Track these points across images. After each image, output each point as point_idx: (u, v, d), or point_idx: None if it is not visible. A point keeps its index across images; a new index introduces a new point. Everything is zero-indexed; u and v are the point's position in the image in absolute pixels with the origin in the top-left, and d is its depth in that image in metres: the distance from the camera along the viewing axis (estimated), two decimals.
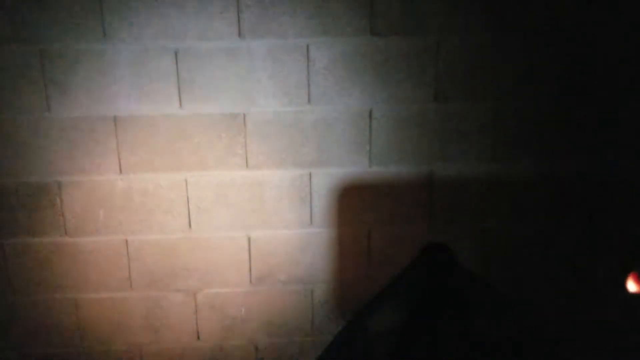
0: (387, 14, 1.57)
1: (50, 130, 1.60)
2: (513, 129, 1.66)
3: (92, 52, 1.56)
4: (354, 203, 1.69)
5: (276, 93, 1.61)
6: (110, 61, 1.57)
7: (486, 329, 1.31)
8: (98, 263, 1.70)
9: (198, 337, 1.78)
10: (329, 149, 1.65)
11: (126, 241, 1.69)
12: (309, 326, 1.79)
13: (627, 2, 1.59)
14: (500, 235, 1.74)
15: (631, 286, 1.26)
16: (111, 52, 1.56)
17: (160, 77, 1.58)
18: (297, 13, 1.55)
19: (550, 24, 1.60)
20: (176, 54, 1.57)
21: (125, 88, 1.59)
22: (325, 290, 1.77)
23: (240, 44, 1.57)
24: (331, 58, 1.59)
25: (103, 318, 1.75)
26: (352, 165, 1.67)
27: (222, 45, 1.57)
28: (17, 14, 1.52)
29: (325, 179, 1.68)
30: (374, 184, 1.68)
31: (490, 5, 1.58)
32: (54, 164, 1.63)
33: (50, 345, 1.76)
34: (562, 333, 1.81)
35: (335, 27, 1.57)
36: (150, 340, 1.78)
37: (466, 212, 1.72)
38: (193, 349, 1.79)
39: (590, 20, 1.60)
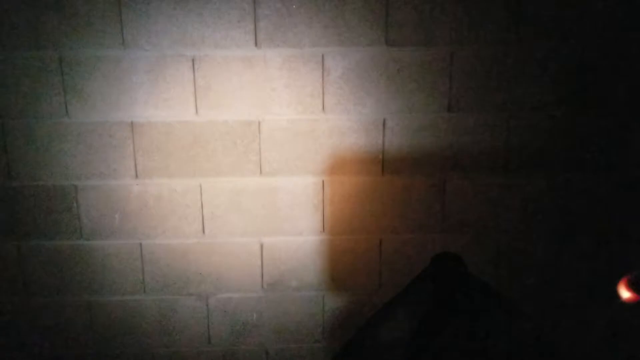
0: (402, 25, 1.58)
1: (68, 135, 1.63)
2: (526, 140, 1.67)
3: (111, 58, 1.58)
4: (367, 211, 1.71)
5: (291, 101, 1.63)
6: (128, 68, 1.59)
7: (496, 339, 1.31)
8: (113, 266, 1.72)
9: (209, 341, 1.80)
10: (342, 157, 1.67)
11: (141, 245, 1.71)
12: (319, 333, 1.80)
13: None
14: (511, 245, 1.74)
15: (623, 293, 1.21)
16: (129, 58, 1.58)
17: (177, 84, 1.60)
18: (313, 23, 1.57)
19: (565, 35, 1.60)
20: (193, 61, 1.59)
21: (143, 94, 1.61)
22: (336, 297, 1.78)
23: (256, 53, 1.59)
24: (346, 67, 1.61)
25: (116, 321, 1.77)
26: (365, 173, 1.68)
27: (238, 53, 1.59)
28: (37, 21, 1.55)
29: (338, 186, 1.69)
30: (387, 193, 1.69)
31: (504, 17, 1.59)
32: (72, 167, 1.65)
33: (63, 347, 1.78)
34: (572, 345, 1.81)
35: (351, 37, 1.59)
36: (162, 343, 1.79)
37: (478, 222, 1.72)
38: (204, 353, 1.80)
39: (607, 30, 1.60)
